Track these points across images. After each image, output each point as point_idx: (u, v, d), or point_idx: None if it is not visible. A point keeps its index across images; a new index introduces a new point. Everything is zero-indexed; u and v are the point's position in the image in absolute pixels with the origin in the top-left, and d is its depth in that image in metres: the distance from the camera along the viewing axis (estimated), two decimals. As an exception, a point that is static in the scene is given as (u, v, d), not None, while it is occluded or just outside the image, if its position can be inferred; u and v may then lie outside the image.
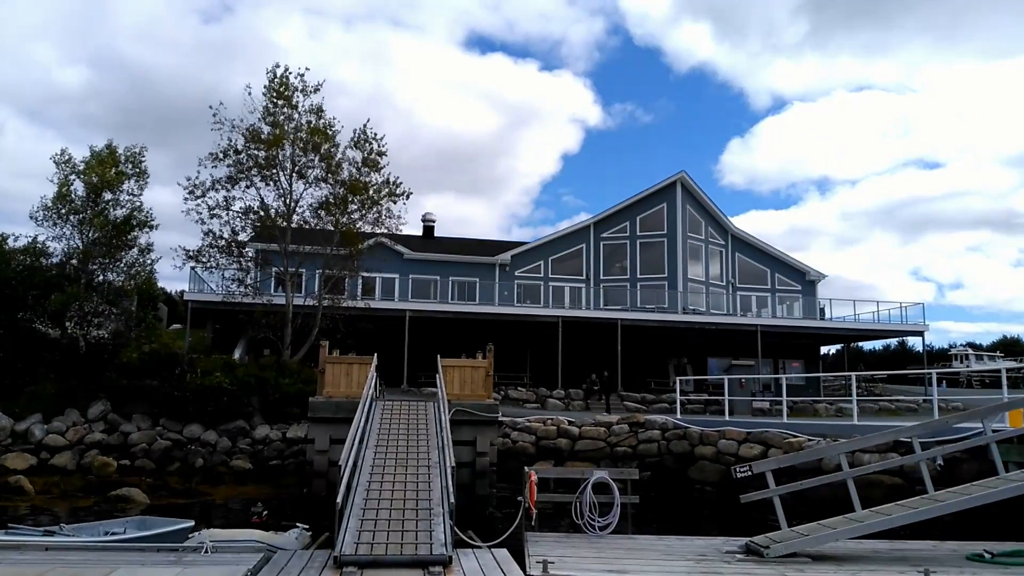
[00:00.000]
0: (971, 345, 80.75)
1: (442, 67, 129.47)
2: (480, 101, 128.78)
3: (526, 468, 10.95)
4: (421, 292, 37.33)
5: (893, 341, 74.31)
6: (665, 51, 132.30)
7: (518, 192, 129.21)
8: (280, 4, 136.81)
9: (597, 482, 10.98)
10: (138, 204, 24.91)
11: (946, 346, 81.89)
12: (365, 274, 32.00)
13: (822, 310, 41.02)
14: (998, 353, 76.57)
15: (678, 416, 21.15)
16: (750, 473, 10.35)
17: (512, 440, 21.39)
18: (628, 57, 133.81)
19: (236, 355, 27.89)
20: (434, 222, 45.55)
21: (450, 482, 8.88)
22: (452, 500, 8.40)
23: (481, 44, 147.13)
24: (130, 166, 24.98)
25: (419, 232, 44.61)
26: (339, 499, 8.14)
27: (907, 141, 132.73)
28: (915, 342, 74.15)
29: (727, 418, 20.38)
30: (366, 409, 12.38)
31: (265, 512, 10.59)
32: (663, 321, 34.67)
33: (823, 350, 44.78)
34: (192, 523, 10.72)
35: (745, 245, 42.17)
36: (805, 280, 42.42)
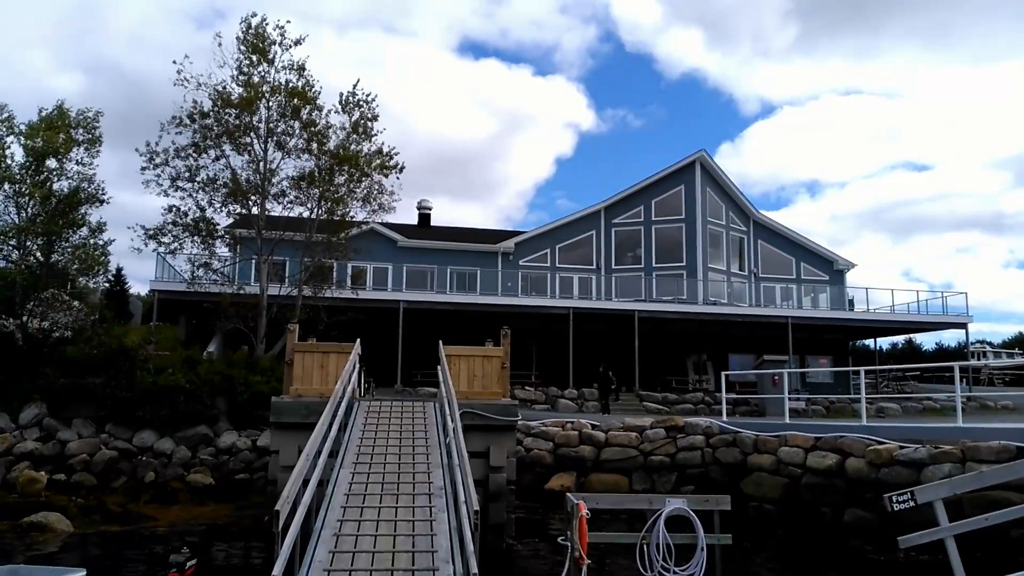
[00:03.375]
0: (983, 342, 78.02)
1: (436, 72, 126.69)
2: (474, 106, 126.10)
3: (570, 496, 7.59)
4: (417, 283, 33.86)
5: (900, 339, 71.46)
6: (656, 58, 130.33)
7: (512, 195, 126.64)
8: (273, 10, 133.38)
9: (672, 515, 7.67)
10: (88, 175, 21.38)
11: (955, 345, 79.20)
12: (354, 262, 28.65)
13: (851, 301, 37.83)
14: (1016, 350, 73.94)
15: (724, 419, 17.77)
16: (912, 503, 6.98)
17: (525, 448, 18.03)
18: (620, 63, 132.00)
19: (205, 352, 24.41)
20: (430, 209, 42.12)
21: (468, 529, 5.47)
22: (475, 569, 4.90)
23: (474, 50, 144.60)
24: (82, 131, 21.46)
25: (414, 221, 41.22)
26: (278, 569, 4.72)
27: (895, 144, 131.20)
28: (923, 340, 71.27)
29: (787, 421, 17.01)
30: (341, 409, 8.97)
31: (191, 564, 7.24)
32: (685, 313, 31.34)
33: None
34: (83, 573, 7.34)
35: (769, 232, 38.82)
36: (833, 269, 39.13)
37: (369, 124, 23.37)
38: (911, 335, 53.08)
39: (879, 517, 13.42)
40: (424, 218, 41.59)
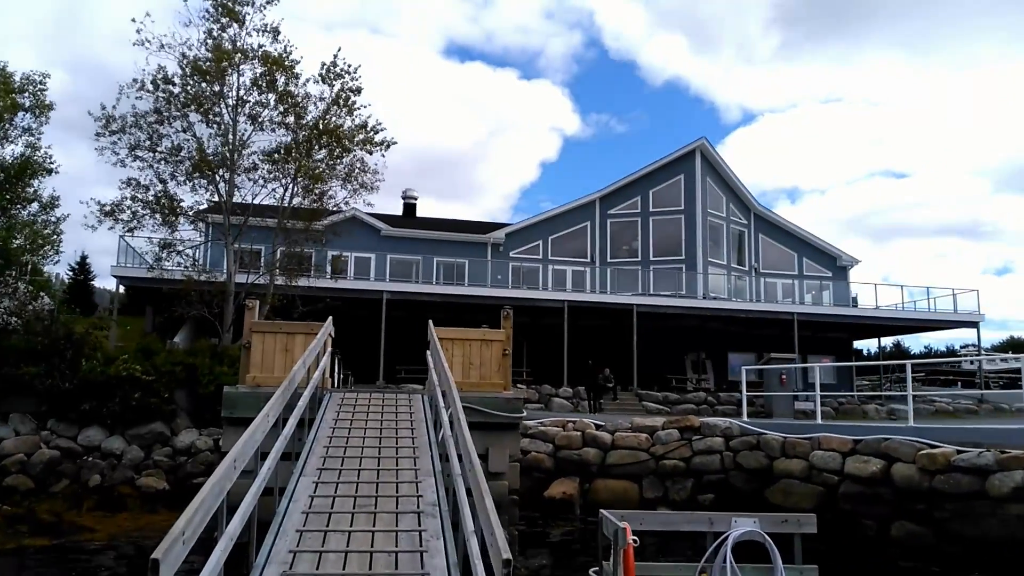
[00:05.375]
0: (973, 347, 77.57)
1: (422, 74, 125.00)
2: (460, 108, 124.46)
3: (607, 515, 5.69)
4: (401, 273, 31.94)
5: (889, 342, 70.83)
6: (640, 64, 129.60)
7: (497, 198, 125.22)
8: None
9: (742, 539, 5.80)
10: (33, 141, 19.20)
11: (944, 348, 78.95)
12: (334, 249, 26.59)
13: (854, 299, 36.29)
14: (1010, 353, 73.51)
15: (745, 419, 15.97)
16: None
17: (522, 450, 16.08)
18: (604, 69, 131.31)
19: (169, 342, 22.28)
20: (415, 199, 40.09)
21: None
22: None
23: (460, 53, 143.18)
24: (27, 95, 19.30)
25: (399, 211, 39.18)
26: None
27: (876, 151, 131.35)
28: (911, 343, 70.37)
29: (819, 422, 15.25)
30: (304, 399, 7.00)
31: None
32: (686, 308, 29.59)
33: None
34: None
35: (770, 226, 37.14)
36: (836, 266, 37.52)
37: (352, 97, 21.37)
38: (899, 336, 51.82)
39: (935, 532, 11.71)
40: (409, 208, 39.58)
